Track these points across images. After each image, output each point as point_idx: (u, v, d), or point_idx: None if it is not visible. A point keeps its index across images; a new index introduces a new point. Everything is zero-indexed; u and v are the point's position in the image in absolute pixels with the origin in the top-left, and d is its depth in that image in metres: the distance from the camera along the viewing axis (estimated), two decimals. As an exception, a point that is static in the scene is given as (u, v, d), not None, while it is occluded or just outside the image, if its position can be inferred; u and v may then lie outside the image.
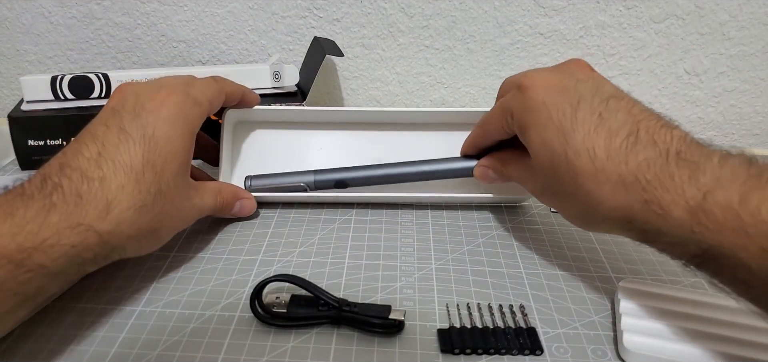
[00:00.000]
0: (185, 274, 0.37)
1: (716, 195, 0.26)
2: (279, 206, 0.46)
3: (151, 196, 0.32)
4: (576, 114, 0.31)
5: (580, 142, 0.31)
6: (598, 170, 0.30)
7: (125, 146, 0.32)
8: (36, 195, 0.29)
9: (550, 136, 0.32)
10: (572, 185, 0.31)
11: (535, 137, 0.33)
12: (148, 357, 0.30)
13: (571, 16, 0.59)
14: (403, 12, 0.60)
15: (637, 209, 0.29)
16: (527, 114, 0.34)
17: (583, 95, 0.32)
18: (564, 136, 0.31)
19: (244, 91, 0.43)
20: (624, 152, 0.29)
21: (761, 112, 0.62)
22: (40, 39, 0.64)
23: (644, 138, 0.29)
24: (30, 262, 0.27)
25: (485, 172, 0.42)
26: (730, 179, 0.26)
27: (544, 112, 0.32)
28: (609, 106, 0.31)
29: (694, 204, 0.26)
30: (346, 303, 0.33)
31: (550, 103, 0.32)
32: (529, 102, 0.34)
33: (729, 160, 0.27)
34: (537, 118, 0.33)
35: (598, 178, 0.30)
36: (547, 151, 0.32)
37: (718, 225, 0.25)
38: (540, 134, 0.33)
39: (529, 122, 0.34)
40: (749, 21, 0.58)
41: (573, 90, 0.32)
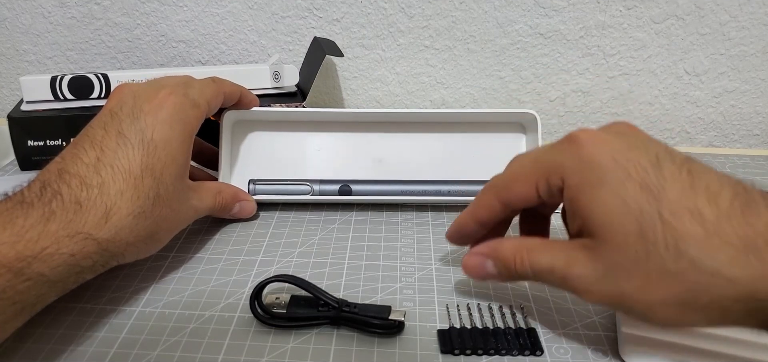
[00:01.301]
0: (185, 275, 0.37)
1: None
2: (279, 207, 0.46)
3: (150, 201, 0.32)
4: (660, 170, 0.25)
5: (676, 200, 0.24)
6: (709, 233, 0.23)
7: (124, 151, 0.32)
8: (35, 203, 0.29)
9: (632, 194, 0.25)
10: (672, 255, 0.24)
11: (608, 197, 0.26)
12: (147, 357, 0.30)
13: (572, 16, 0.59)
14: (403, 12, 0.60)
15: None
16: (591, 171, 0.26)
17: (659, 153, 0.26)
18: (653, 194, 0.25)
19: (242, 92, 0.43)
20: (739, 212, 0.24)
21: (762, 113, 0.62)
22: (40, 39, 0.64)
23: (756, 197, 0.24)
24: (29, 271, 0.27)
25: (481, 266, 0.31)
26: None
27: (617, 169, 0.26)
28: (693, 166, 0.26)
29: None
30: (345, 304, 0.32)
31: (622, 159, 0.26)
32: (594, 158, 0.27)
33: None
34: (608, 175, 0.26)
35: (711, 242, 0.23)
36: (631, 214, 0.25)
37: None
38: (617, 193, 0.25)
39: (598, 180, 0.26)
40: (749, 21, 0.58)
41: (644, 147, 0.27)
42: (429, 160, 0.46)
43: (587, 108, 0.63)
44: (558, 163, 0.28)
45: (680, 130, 0.64)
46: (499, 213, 0.31)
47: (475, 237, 0.33)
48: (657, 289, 0.25)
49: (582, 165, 0.27)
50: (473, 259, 0.32)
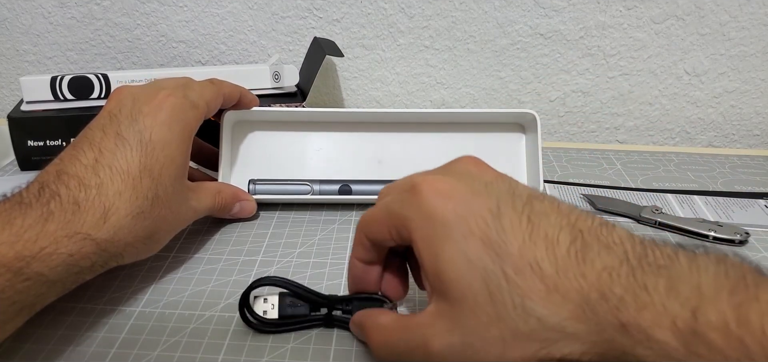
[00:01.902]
0: (185, 275, 0.37)
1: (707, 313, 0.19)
2: (279, 207, 0.46)
3: (149, 202, 0.32)
4: (500, 221, 0.24)
5: (517, 255, 0.23)
6: (550, 288, 0.22)
7: (122, 152, 0.32)
8: (34, 204, 0.29)
9: (474, 252, 0.24)
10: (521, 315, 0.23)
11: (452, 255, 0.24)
12: (147, 357, 0.30)
13: (572, 16, 0.59)
14: (403, 12, 0.60)
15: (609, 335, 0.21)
16: (433, 227, 0.25)
17: (501, 198, 0.25)
18: (495, 251, 0.23)
19: (242, 92, 0.43)
20: (575, 262, 0.23)
21: (762, 113, 0.62)
22: (40, 39, 0.64)
23: (592, 241, 0.23)
24: (28, 271, 0.27)
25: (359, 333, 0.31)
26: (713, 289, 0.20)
27: (459, 224, 0.24)
28: (534, 207, 0.25)
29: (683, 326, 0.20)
30: (337, 300, 0.32)
31: (462, 212, 0.25)
32: (435, 212, 0.25)
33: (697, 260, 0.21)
34: (450, 230, 0.24)
35: (553, 298, 0.22)
36: (476, 272, 0.23)
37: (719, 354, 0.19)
38: (459, 250, 0.24)
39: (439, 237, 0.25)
40: (750, 21, 0.58)
41: (486, 193, 0.25)
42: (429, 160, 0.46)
43: (587, 108, 0.63)
44: (403, 215, 0.27)
45: (680, 130, 0.64)
46: (371, 250, 0.30)
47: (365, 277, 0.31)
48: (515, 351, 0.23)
49: (425, 220, 0.25)
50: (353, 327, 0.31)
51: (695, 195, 0.49)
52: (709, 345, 0.19)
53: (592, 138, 0.65)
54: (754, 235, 0.42)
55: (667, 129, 0.64)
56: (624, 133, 0.65)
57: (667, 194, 0.49)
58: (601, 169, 0.54)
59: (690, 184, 0.51)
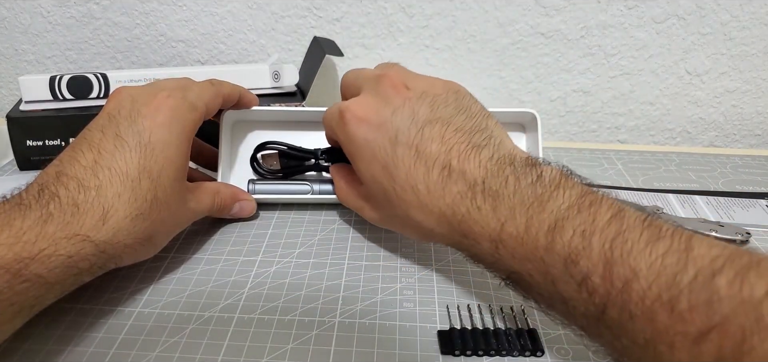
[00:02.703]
0: (184, 275, 0.37)
1: (508, 226, 0.28)
2: (279, 207, 0.45)
3: (148, 204, 0.32)
4: (396, 150, 0.32)
5: (404, 178, 0.32)
6: (422, 204, 0.32)
7: (121, 153, 0.32)
8: (33, 205, 0.29)
9: (377, 172, 0.34)
10: (405, 216, 0.33)
11: (364, 171, 0.35)
12: (146, 358, 0.30)
13: (572, 15, 0.59)
14: (403, 12, 0.60)
15: (457, 239, 0.31)
16: (353, 148, 0.35)
17: (400, 128, 0.33)
18: (389, 173, 0.33)
19: (241, 92, 0.43)
20: (440, 187, 0.31)
21: (763, 113, 0.62)
22: (39, 39, 0.64)
23: (456, 168, 0.31)
24: (27, 272, 0.27)
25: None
26: (520, 206, 0.28)
27: (368, 150, 0.34)
28: (424, 135, 0.32)
29: (495, 236, 0.28)
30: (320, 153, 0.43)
31: (371, 140, 0.34)
32: (353, 137, 0.35)
33: (521, 183, 0.29)
34: (362, 153, 0.34)
35: (424, 210, 0.32)
36: (378, 187, 0.34)
37: (511, 254, 0.28)
38: (369, 170, 0.34)
39: (356, 156, 0.35)
40: (751, 21, 0.58)
41: (390, 123, 0.33)
42: None
43: (588, 108, 0.63)
44: (336, 134, 0.37)
45: (681, 130, 0.64)
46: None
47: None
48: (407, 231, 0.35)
49: (348, 141, 0.35)
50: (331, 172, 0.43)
51: (696, 195, 0.48)
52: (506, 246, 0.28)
53: (593, 137, 0.65)
54: (756, 235, 0.42)
55: (668, 129, 0.64)
56: (625, 133, 0.65)
57: (668, 194, 0.49)
58: (602, 169, 0.54)
59: (691, 184, 0.51)
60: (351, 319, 0.33)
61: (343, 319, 0.33)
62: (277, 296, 0.35)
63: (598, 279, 0.24)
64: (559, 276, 0.26)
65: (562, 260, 0.25)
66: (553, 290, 0.26)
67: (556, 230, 0.26)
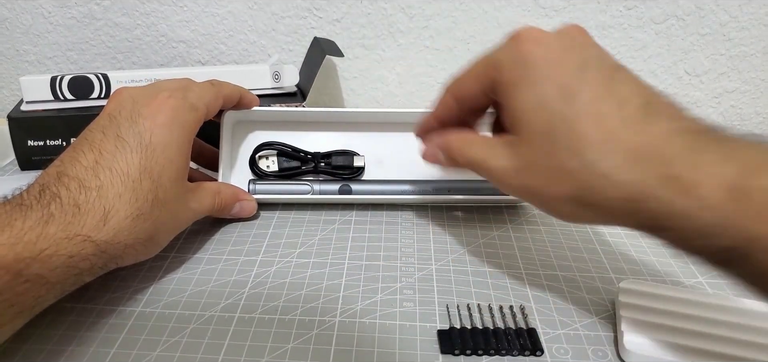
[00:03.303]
0: (185, 275, 0.37)
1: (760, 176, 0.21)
2: (279, 207, 0.46)
3: (148, 204, 0.33)
4: (583, 73, 0.27)
5: (587, 103, 0.26)
6: (606, 138, 0.25)
7: (122, 154, 0.32)
8: (34, 206, 0.29)
9: (549, 94, 0.27)
10: (570, 155, 0.26)
11: (528, 95, 0.28)
12: (147, 357, 0.30)
13: (572, 16, 0.59)
14: (403, 12, 0.60)
15: (652, 186, 0.24)
16: (521, 68, 0.28)
17: (589, 58, 0.28)
18: (567, 95, 0.26)
19: (242, 93, 0.43)
20: (640, 120, 0.25)
21: (762, 113, 0.62)
22: (40, 39, 0.64)
23: (663, 109, 0.25)
24: (28, 273, 0.27)
25: (434, 155, 0.35)
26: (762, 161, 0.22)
27: (544, 68, 0.27)
28: (618, 73, 0.27)
29: (731, 184, 0.22)
30: (320, 156, 0.44)
31: (551, 59, 0.28)
32: (526, 56, 0.28)
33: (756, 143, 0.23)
34: (533, 73, 0.28)
35: (607, 146, 0.25)
36: (542, 113, 0.27)
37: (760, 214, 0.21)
38: (535, 92, 0.27)
39: (523, 77, 0.28)
40: (750, 22, 0.58)
41: (578, 51, 0.28)
42: None
43: (587, 108, 0.63)
44: (498, 59, 0.30)
45: (680, 130, 0.64)
46: (455, 110, 0.33)
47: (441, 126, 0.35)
48: (557, 186, 0.27)
49: (515, 62, 0.29)
50: (429, 148, 0.35)
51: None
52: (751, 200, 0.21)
53: (593, 138, 0.65)
54: (755, 235, 0.42)
55: (668, 129, 0.64)
56: (624, 133, 0.65)
57: (667, 194, 0.49)
58: (601, 169, 0.54)
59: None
60: (351, 319, 0.33)
61: (343, 319, 0.33)
62: (277, 296, 0.35)
63: None
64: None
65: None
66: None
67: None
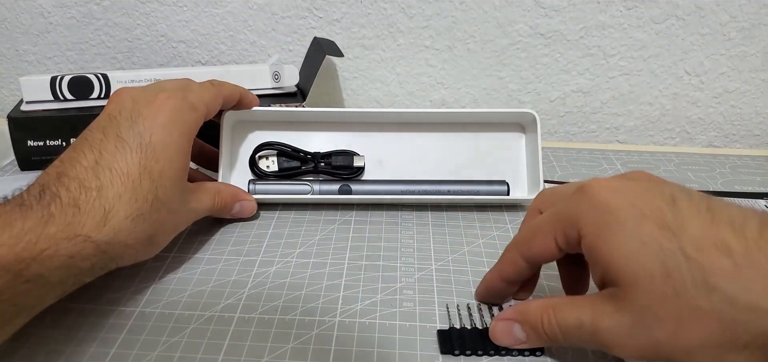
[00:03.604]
0: (185, 275, 0.37)
1: None
2: (279, 207, 0.46)
3: (148, 204, 0.33)
4: (677, 208, 0.25)
5: (699, 235, 0.23)
6: (740, 265, 0.22)
7: (122, 154, 0.32)
8: (34, 206, 0.29)
9: (650, 234, 0.24)
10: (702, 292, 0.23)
11: (625, 239, 0.25)
12: (147, 357, 0.30)
13: (572, 16, 0.59)
14: (403, 12, 0.60)
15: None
16: (607, 215, 0.26)
17: (675, 193, 0.25)
18: (672, 232, 0.24)
19: (242, 93, 0.43)
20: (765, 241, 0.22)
21: (762, 113, 0.62)
22: (40, 39, 0.64)
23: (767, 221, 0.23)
24: (28, 273, 0.27)
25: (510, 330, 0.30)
26: None
27: (631, 210, 0.25)
28: (712, 202, 0.25)
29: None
30: (320, 156, 0.45)
31: (637, 201, 0.25)
32: (608, 204, 0.26)
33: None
34: (622, 218, 0.25)
35: (744, 274, 0.22)
36: (651, 254, 0.24)
37: None
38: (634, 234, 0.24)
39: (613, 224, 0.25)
40: (750, 22, 0.58)
41: (659, 189, 0.26)
42: (429, 159, 0.46)
43: (587, 108, 0.63)
44: (573, 214, 0.27)
45: (681, 130, 0.64)
46: (525, 269, 0.31)
47: (504, 295, 0.33)
48: (692, 331, 0.23)
49: (596, 212, 0.26)
50: (501, 325, 0.30)
51: (696, 195, 0.48)
52: None
53: (593, 138, 0.65)
54: (755, 235, 0.42)
55: (668, 129, 0.64)
56: (624, 133, 0.65)
57: (667, 194, 0.49)
58: (601, 169, 0.54)
59: (690, 184, 0.51)
60: (351, 319, 0.33)
61: (343, 319, 0.33)
62: (277, 296, 0.35)
63: None
64: None
65: None
66: None
67: None
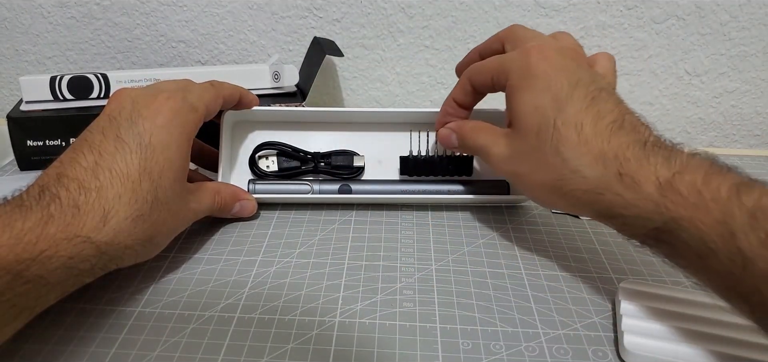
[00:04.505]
0: (184, 275, 0.37)
1: (684, 175, 0.29)
2: (279, 207, 0.46)
3: (148, 205, 0.32)
4: (573, 91, 0.33)
5: (572, 114, 0.33)
6: (581, 142, 0.32)
7: (122, 155, 0.32)
8: (34, 207, 0.29)
9: (544, 102, 0.34)
10: (552, 153, 0.33)
11: (528, 100, 0.35)
12: (147, 357, 0.30)
13: (572, 16, 0.59)
14: (403, 12, 0.60)
15: (609, 181, 0.31)
16: (526, 79, 0.35)
17: (581, 79, 0.34)
18: (558, 106, 0.33)
19: (241, 93, 0.43)
20: (608, 132, 0.32)
21: (762, 113, 0.62)
22: (39, 39, 0.64)
23: (628, 126, 0.32)
24: (28, 274, 0.27)
25: (448, 136, 0.42)
26: (697, 166, 0.29)
27: (544, 80, 0.34)
28: (601, 94, 0.34)
29: (663, 180, 0.29)
30: (320, 156, 0.45)
31: (550, 73, 0.34)
32: (531, 69, 0.35)
33: (697, 154, 0.30)
34: (535, 83, 0.34)
35: (581, 149, 0.32)
36: (537, 116, 0.34)
37: (681, 200, 0.28)
38: (535, 99, 0.34)
39: (526, 86, 0.35)
40: (750, 21, 0.58)
41: (573, 71, 0.34)
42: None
43: (587, 108, 0.63)
44: (510, 67, 0.36)
45: (681, 130, 0.64)
46: (470, 93, 0.41)
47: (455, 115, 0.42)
48: (539, 175, 0.34)
49: (522, 72, 0.35)
50: (444, 131, 0.42)
51: (696, 195, 0.48)
52: (675, 191, 0.28)
53: (593, 138, 0.65)
54: (755, 235, 0.42)
55: (668, 129, 0.64)
56: (624, 133, 0.65)
57: (667, 194, 0.49)
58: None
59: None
60: (351, 319, 0.33)
61: (343, 319, 0.33)
62: (277, 296, 0.35)
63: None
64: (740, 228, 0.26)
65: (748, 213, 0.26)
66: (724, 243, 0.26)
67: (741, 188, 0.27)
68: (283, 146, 0.45)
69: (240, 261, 0.38)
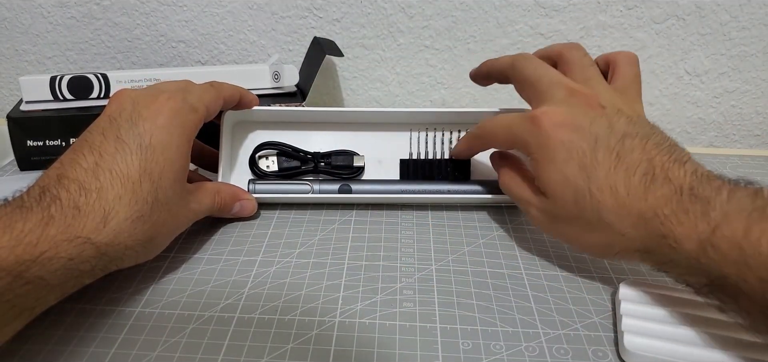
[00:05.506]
0: (184, 275, 0.37)
1: (723, 229, 0.27)
2: (279, 207, 0.46)
3: (148, 206, 0.33)
4: (595, 153, 0.33)
5: (603, 179, 0.33)
6: (619, 205, 0.32)
7: (122, 156, 0.32)
8: (34, 208, 0.29)
9: (572, 172, 0.34)
10: (595, 219, 0.33)
11: (556, 174, 0.34)
12: (147, 358, 0.30)
13: (572, 16, 0.59)
14: (403, 12, 0.60)
15: (654, 242, 0.31)
16: (544, 151, 0.35)
17: (599, 135, 0.34)
18: (587, 174, 0.33)
19: (242, 93, 0.43)
20: (642, 189, 0.31)
21: (762, 113, 0.62)
22: (39, 39, 0.64)
23: (660, 175, 0.31)
24: (28, 275, 0.27)
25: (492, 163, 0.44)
26: (736, 212, 0.27)
27: (564, 151, 0.34)
28: (624, 145, 0.33)
29: (703, 237, 0.28)
30: (320, 156, 0.45)
31: (567, 142, 0.34)
32: (547, 140, 0.35)
33: (736, 193, 0.28)
34: (555, 155, 0.34)
35: (620, 212, 0.32)
36: (570, 187, 0.34)
37: (723, 258, 0.27)
38: (561, 170, 0.34)
39: (549, 159, 0.35)
40: (750, 21, 0.58)
41: (588, 129, 0.34)
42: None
43: (587, 108, 0.63)
44: (524, 139, 0.37)
45: (681, 130, 0.64)
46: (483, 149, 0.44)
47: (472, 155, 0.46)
48: (588, 237, 0.35)
49: (539, 145, 0.35)
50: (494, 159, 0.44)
51: (696, 195, 0.48)
52: (716, 249, 0.27)
53: (593, 138, 0.65)
54: (755, 235, 0.41)
55: (668, 129, 0.63)
56: (624, 133, 0.65)
57: (667, 194, 0.49)
58: (601, 169, 0.54)
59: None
60: (351, 319, 0.33)
61: (343, 319, 0.33)
62: (277, 296, 0.35)
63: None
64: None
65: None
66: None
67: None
68: (283, 146, 0.45)
69: (240, 261, 0.38)
